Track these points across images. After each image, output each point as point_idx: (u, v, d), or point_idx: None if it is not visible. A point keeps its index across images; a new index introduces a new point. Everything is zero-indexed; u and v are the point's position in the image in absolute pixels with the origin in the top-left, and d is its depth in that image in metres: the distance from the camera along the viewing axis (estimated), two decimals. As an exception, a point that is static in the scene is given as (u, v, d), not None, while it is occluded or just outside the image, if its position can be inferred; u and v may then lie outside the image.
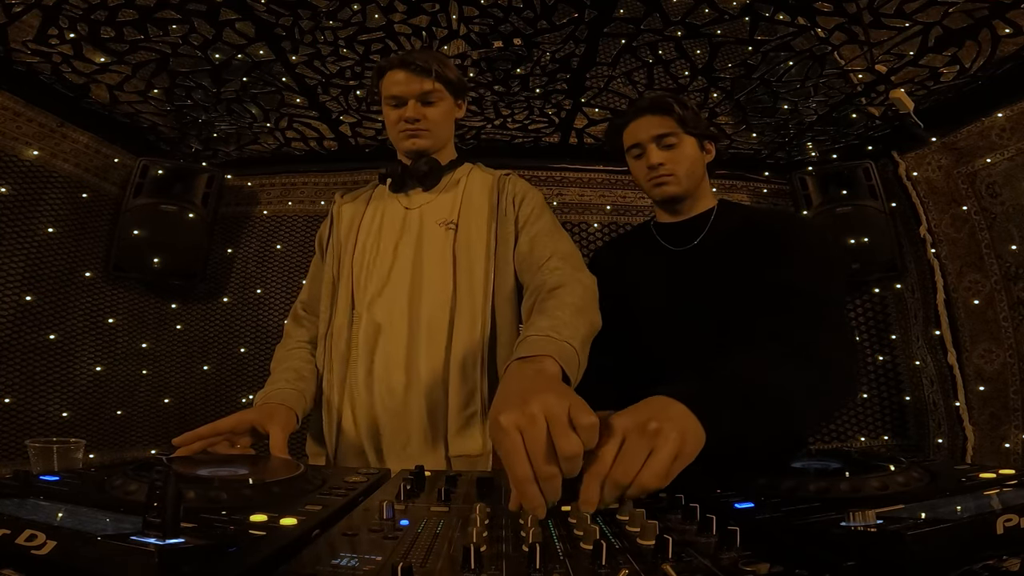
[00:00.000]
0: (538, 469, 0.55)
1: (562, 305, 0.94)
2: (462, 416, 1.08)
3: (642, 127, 1.26)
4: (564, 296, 0.98)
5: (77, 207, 2.54)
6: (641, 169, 1.29)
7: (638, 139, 1.27)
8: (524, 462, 0.56)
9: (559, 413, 0.57)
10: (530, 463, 0.56)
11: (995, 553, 0.43)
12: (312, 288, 1.30)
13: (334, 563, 0.44)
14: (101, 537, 0.41)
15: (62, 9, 1.84)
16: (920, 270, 2.67)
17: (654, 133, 1.25)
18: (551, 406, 0.58)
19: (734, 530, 0.48)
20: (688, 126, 1.24)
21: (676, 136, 1.24)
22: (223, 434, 0.95)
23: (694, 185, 1.28)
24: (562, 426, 0.57)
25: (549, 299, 0.98)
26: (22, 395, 2.31)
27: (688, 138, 1.25)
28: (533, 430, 0.57)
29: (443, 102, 1.22)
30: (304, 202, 3.07)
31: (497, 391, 0.72)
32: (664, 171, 1.25)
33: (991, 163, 2.37)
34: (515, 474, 0.55)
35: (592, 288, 1.05)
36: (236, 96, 2.39)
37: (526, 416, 0.57)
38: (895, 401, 2.80)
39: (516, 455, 0.56)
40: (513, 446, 0.56)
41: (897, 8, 1.79)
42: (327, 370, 1.17)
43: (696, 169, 1.28)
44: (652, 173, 1.26)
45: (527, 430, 0.57)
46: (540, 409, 0.58)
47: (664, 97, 1.27)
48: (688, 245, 1.28)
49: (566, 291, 1.00)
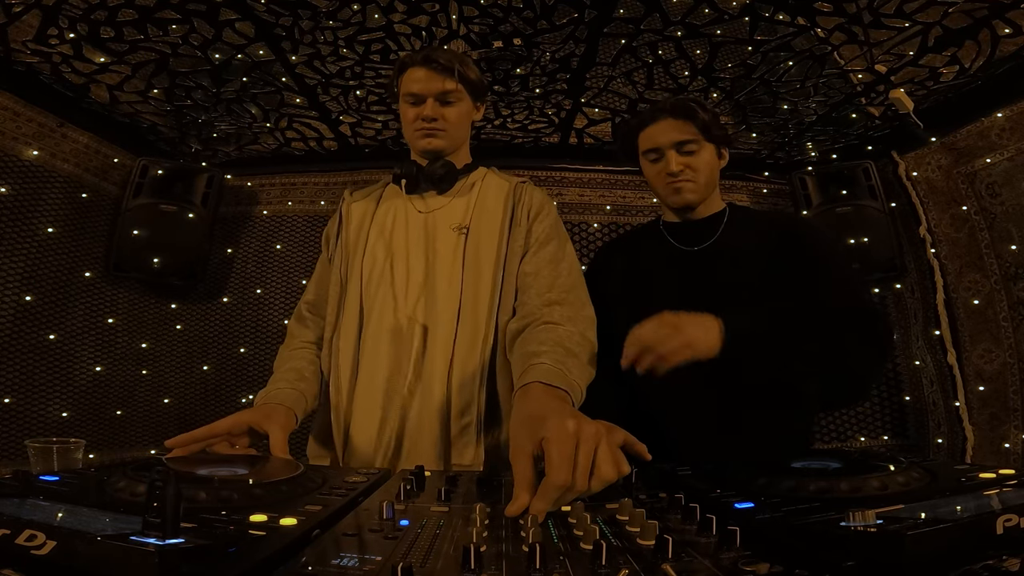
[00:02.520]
0: (577, 479, 0.60)
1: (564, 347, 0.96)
2: (458, 425, 1.06)
3: (662, 131, 1.23)
4: (566, 342, 0.98)
5: (77, 207, 2.54)
6: (659, 174, 1.26)
7: (657, 143, 1.24)
8: (570, 470, 0.60)
9: (614, 440, 0.67)
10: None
11: (995, 553, 0.43)
12: (318, 288, 1.28)
13: (334, 563, 0.44)
14: (101, 537, 0.41)
15: (62, 9, 1.84)
16: (920, 270, 2.67)
17: (675, 139, 1.22)
18: (608, 433, 0.65)
19: (734, 530, 0.48)
20: (711, 132, 1.22)
21: (697, 143, 1.22)
22: (220, 436, 0.94)
23: (710, 192, 1.28)
24: (615, 450, 0.64)
25: (548, 332, 1.00)
26: (22, 395, 2.31)
27: (708, 145, 1.23)
28: (587, 446, 0.62)
29: (462, 103, 1.20)
30: (304, 202, 3.07)
31: (530, 403, 0.80)
32: (684, 178, 1.22)
33: (991, 163, 2.37)
34: (556, 477, 0.59)
35: (591, 338, 1.05)
36: (236, 96, 2.39)
37: (587, 431, 0.63)
38: (895, 401, 2.80)
39: (567, 462, 0.60)
40: (568, 452, 0.61)
41: (897, 8, 1.79)
42: (334, 372, 1.14)
43: (713, 176, 1.26)
44: (671, 179, 1.23)
45: (583, 444, 0.62)
46: (598, 431, 0.64)
47: (687, 101, 1.23)
48: (701, 245, 1.27)
49: (566, 333, 1.00)
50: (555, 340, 0.96)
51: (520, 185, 1.22)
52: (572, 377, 0.89)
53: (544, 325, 1.01)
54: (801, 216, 2.79)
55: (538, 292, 1.09)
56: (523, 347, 0.98)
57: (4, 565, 0.41)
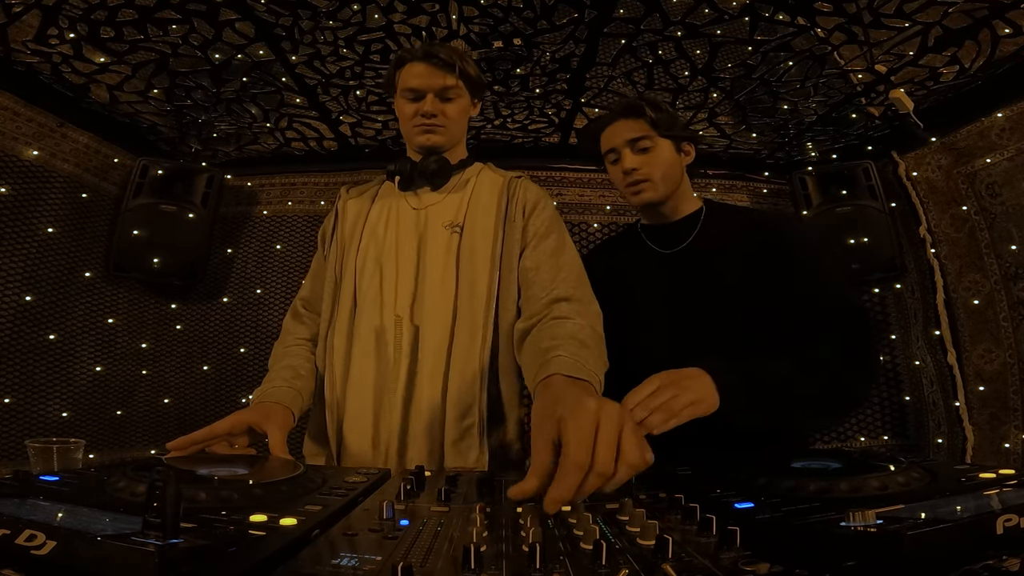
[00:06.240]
0: (598, 461, 0.54)
1: (577, 339, 0.94)
2: (459, 428, 1.04)
3: (616, 131, 1.26)
4: (578, 335, 0.96)
5: (77, 207, 2.54)
6: (618, 174, 1.28)
7: (613, 144, 1.27)
8: (589, 449, 0.55)
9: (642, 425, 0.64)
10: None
11: (995, 553, 0.43)
12: (314, 285, 1.27)
13: (334, 563, 0.44)
14: (101, 537, 0.41)
15: (62, 9, 1.84)
16: (920, 270, 2.67)
17: (628, 137, 1.24)
18: (632, 417, 0.62)
19: (734, 530, 0.48)
20: (661, 128, 1.23)
21: (650, 139, 1.23)
22: (220, 437, 0.93)
23: (672, 188, 1.27)
24: (641, 436, 0.58)
25: (558, 327, 0.97)
26: (22, 395, 2.31)
27: (663, 141, 1.24)
28: (610, 426, 0.56)
29: (461, 99, 1.19)
30: (304, 202, 3.07)
31: (553, 392, 0.77)
32: (639, 175, 1.24)
33: (991, 163, 2.37)
34: (574, 457, 0.54)
35: (600, 332, 1.02)
36: (236, 96, 2.39)
37: (609, 411, 0.58)
38: (895, 401, 2.80)
39: (587, 440, 0.55)
40: (588, 431, 0.56)
41: (897, 8, 1.79)
42: (328, 370, 1.14)
43: (673, 172, 1.26)
44: (628, 178, 1.25)
45: (604, 423, 0.56)
46: (623, 413, 0.58)
47: (635, 100, 1.26)
48: (678, 247, 1.28)
49: (577, 327, 0.98)
50: (567, 334, 0.94)
51: (515, 180, 1.21)
52: (590, 367, 0.87)
53: (553, 321, 1.00)
54: (783, 214, 2.79)
55: (542, 288, 1.07)
56: (535, 344, 0.96)
57: (4, 565, 0.41)
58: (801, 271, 1.14)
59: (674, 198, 1.28)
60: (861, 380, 1.11)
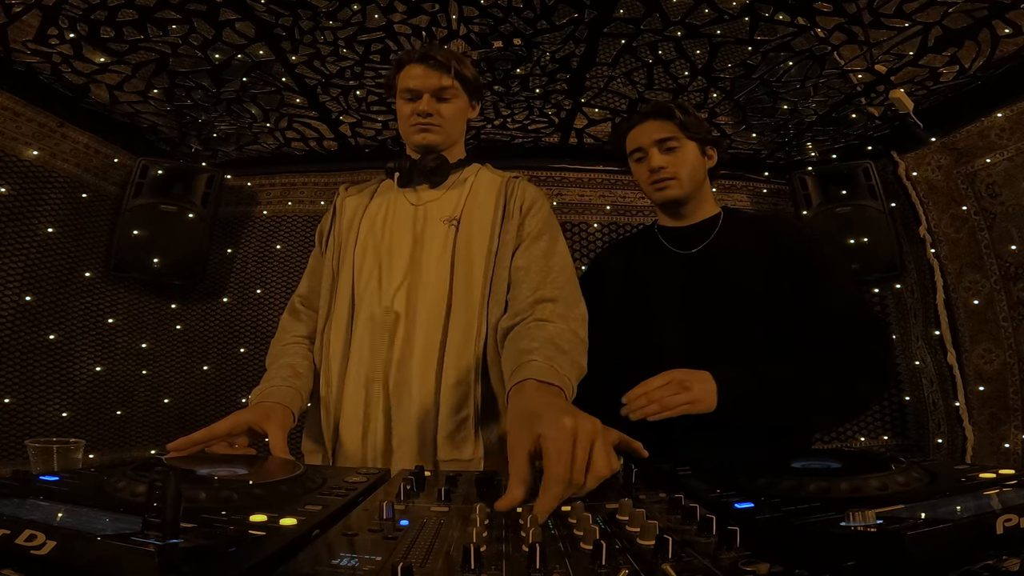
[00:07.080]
0: (574, 474, 0.61)
1: (554, 344, 0.96)
2: (453, 421, 1.05)
3: (644, 131, 1.30)
4: (556, 339, 0.97)
5: (77, 207, 2.54)
6: (643, 172, 1.31)
7: (640, 143, 1.30)
8: (569, 464, 0.61)
9: (609, 438, 0.68)
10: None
11: (995, 553, 0.43)
12: (311, 282, 1.28)
13: (334, 563, 0.44)
14: (101, 537, 0.41)
15: (62, 9, 1.84)
16: (920, 270, 2.67)
17: (656, 137, 1.28)
18: (603, 431, 0.66)
19: (734, 530, 0.48)
20: (689, 131, 1.28)
21: (677, 140, 1.27)
22: (219, 437, 0.93)
23: (695, 189, 1.30)
24: (609, 448, 0.65)
25: (539, 329, 0.99)
26: (22, 395, 2.31)
27: (689, 143, 1.28)
28: (584, 441, 0.63)
29: (457, 100, 1.21)
30: (304, 202, 3.07)
31: (525, 400, 0.81)
32: (665, 174, 1.27)
33: (991, 163, 2.37)
34: (556, 472, 0.60)
35: (583, 336, 1.04)
36: (236, 96, 2.39)
37: (584, 426, 0.64)
38: (895, 401, 2.80)
39: (565, 455, 0.61)
40: (566, 446, 0.62)
41: (897, 8, 1.79)
42: (324, 365, 1.14)
43: (697, 173, 1.30)
44: (654, 176, 1.29)
45: (580, 439, 0.63)
46: (595, 427, 0.65)
47: (666, 103, 1.30)
48: (695, 249, 1.30)
49: (557, 331, 0.99)
50: (545, 338, 0.96)
51: (512, 180, 1.23)
52: (563, 373, 0.89)
53: (535, 322, 1.01)
54: (796, 219, 2.79)
55: (529, 288, 1.08)
56: (514, 344, 0.98)
57: (4, 565, 0.41)
58: (820, 280, 1.18)
59: (695, 199, 1.32)
60: (875, 390, 1.17)
